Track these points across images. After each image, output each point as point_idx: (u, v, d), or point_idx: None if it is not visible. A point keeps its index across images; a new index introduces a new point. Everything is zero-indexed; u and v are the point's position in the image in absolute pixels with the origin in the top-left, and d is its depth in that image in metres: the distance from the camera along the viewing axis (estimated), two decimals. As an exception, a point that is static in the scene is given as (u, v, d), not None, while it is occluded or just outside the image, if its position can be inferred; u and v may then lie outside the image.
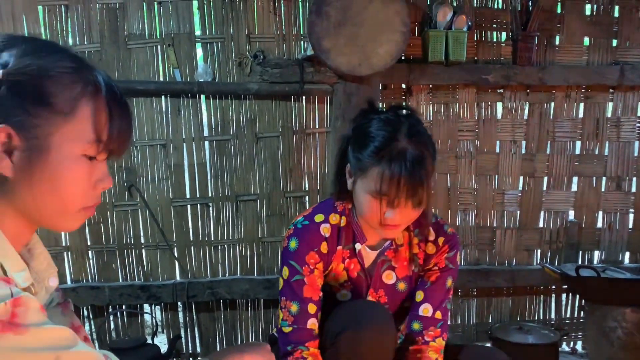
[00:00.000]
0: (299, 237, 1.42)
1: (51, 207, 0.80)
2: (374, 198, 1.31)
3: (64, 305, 0.97)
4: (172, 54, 2.31)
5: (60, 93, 0.77)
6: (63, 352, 0.70)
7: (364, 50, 2.13)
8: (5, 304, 0.66)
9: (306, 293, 1.40)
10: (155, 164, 2.37)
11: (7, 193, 0.78)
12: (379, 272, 1.50)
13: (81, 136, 0.79)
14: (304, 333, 1.38)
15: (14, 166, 0.77)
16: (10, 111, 0.75)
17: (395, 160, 1.27)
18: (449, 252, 1.49)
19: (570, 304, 2.64)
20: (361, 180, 1.34)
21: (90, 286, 2.37)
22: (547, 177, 2.54)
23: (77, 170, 0.80)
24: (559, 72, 2.41)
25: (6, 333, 0.66)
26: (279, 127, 2.40)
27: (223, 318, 2.50)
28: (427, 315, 1.47)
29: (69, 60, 0.80)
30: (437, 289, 1.49)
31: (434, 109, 2.46)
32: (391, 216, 1.31)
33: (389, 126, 1.33)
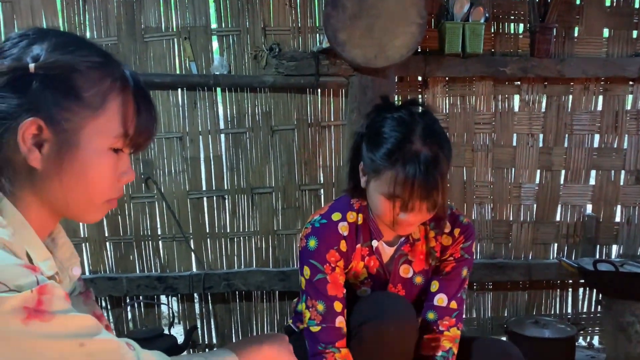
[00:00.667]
0: (317, 236, 1.42)
1: (77, 199, 0.82)
2: (387, 200, 1.30)
3: (86, 294, 0.99)
4: (188, 46, 2.32)
5: (90, 87, 0.79)
6: (87, 339, 0.71)
7: (380, 43, 2.12)
8: (31, 291, 0.67)
9: (330, 291, 1.40)
10: (172, 157, 2.39)
11: (35, 184, 0.80)
12: (396, 267, 1.50)
13: (109, 130, 0.81)
14: (333, 332, 1.38)
15: (43, 158, 0.78)
16: (41, 104, 0.76)
17: (408, 164, 1.25)
18: (465, 242, 1.49)
19: (587, 299, 2.62)
20: (374, 181, 1.33)
21: (108, 277, 2.40)
22: (564, 170, 2.51)
23: (104, 163, 0.81)
24: (577, 64, 2.38)
25: (32, 320, 0.67)
26: (294, 120, 2.41)
27: (239, 309, 2.51)
28: (442, 305, 1.48)
29: (98, 55, 0.81)
30: (453, 279, 1.49)
31: (450, 101, 2.44)
32: (405, 218, 1.31)
33: (402, 127, 1.31)
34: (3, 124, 0.76)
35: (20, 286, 0.67)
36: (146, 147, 0.87)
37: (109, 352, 0.73)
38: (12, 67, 0.76)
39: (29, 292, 0.67)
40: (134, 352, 0.76)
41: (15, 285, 0.67)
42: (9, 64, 0.76)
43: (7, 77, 0.75)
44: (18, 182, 0.79)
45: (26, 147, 0.77)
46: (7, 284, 0.66)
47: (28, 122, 0.76)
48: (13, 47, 0.78)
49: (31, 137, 0.77)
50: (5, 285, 0.66)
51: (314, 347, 1.39)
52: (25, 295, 0.67)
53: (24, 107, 0.76)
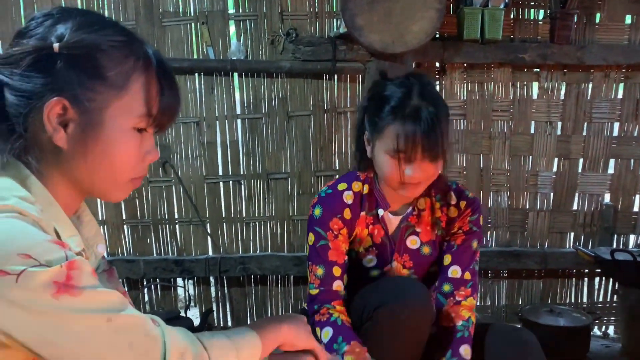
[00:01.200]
0: (322, 205, 1.48)
1: (102, 178, 0.83)
2: (392, 157, 1.35)
3: (110, 271, 1.01)
4: (206, 31, 2.32)
5: (114, 67, 0.79)
6: (114, 314, 0.72)
7: (398, 28, 2.11)
8: (60, 266, 0.69)
9: (331, 257, 1.45)
10: (189, 141, 2.41)
11: (61, 163, 0.81)
12: (402, 237, 1.53)
13: (133, 110, 0.82)
14: (330, 294, 1.44)
15: (68, 138, 0.79)
16: (66, 84, 0.77)
17: (409, 117, 1.32)
18: (472, 215, 1.53)
19: (603, 288, 2.60)
20: (379, 142, 1.38)
21: (126, 259, 2.44)
22: (582, 159, 2.49)
23: (128, 143, 0.82)
24: (598, 51, 2.35)
25: (62, 294, 0.68)
26: (310, 105, 2.41)
27: (254, 293, 2.54)
28: (457, 277, 1.51)
29: (121, 34, 0.82)
30: (464, 251, 1.53)
31: (468, 88, 2.42)
32: (411, 173, 1.34)
33: (402, 87, 1.38)
34: (29, 104, 0.77)
35: (50, 261, 0.68)
36: (169, 126, 0.88)
37: (135, 327, 0.74)
38: (37, 47, 0.76)
39: (58, 267, 0.69)
40: (159, 328, 0.77)
41: (45, 260, 0.68)
42: (34, 43, 0.77)
43: (32, 57, 0.76)
44: (45, 160, 0.81)
45: (51, 126, 0.78)
46: (37, 258, 0.67)
47: (53, 102, 0.77)
48: (38, 27, 0.79)
49: (56, 117, 0.78)
50: (36, 260, 0.67)
51: (311, 308, 1.45)
52: (55, 270, 0.68)
53: (48, 86, 0.77)
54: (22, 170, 0.80)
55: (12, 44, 0.79)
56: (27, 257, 0.67)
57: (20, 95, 0.76)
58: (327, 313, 1.41)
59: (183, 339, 0.79)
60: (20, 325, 0.67)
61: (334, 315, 1.40)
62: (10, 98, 0.77)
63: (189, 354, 0.77)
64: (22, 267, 0.66)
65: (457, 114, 2.43)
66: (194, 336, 0.81)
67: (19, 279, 0.66)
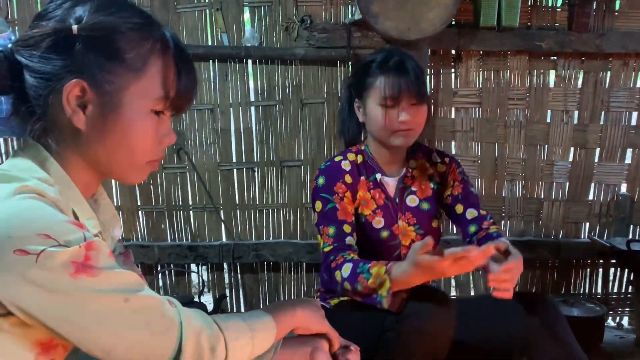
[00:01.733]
0: (324, 174, 1.59)
1: (120, 160, 0.84)
2: (383, 107, 1.51)
3: (126, 255, 1.02)
4: (220, 18, 2.32)
5: (132, 49, 0.80)
6: (132, 294, 0.73)
7: (413, 15, 2.08)
8: (79, 246, 0.70)
9: (340, 217, 1.53)
10: (203, 128, 2.42)
11: (79, 145, 0.82)
12: (402, 198, 1.64)
13: (150, 92, 0.82)
14: (343, 247, 1.50)
15: (87, 120, 0.80)
16: (84, 66, 0.78)
17: (394, 67, 1.51)
18: (458, 167, 1.69)
19: (618, 279, 2.58)
20: (370, 97, 1.55)
21: (140, 245, 2.46)
22: (599, 148, 2.46)
23: (146, 125, 0.83)
24: (617, 39, 2.31)
25: (80, 274, 0.69)
26: (324, 93, 2.40)
27: (267, 279, 2.56)
28: (475, 216, 1.63)
29: (139, 17, 0.82)
30: (468, 194, 1.66)
31: (484, 76, 2.40)
32: (403, 118, 1.49)
33: (381, 52, 1.60)
34: (48, 86, 0.78)
35: (69, 241, 0.70)
36: (187, 109, 0.88)
37: (152, 307, 0.75)
38: (56, 29, 0.77)
39: (77, 247, 0.70)
40: (176, 309, 0.78)
41: (64, 240, 0.69)
42: (53, 25, 0.77)
43: (51, 39, 0.77)
44: (64, 142, 0.82)
45: (70, 108, 0.78)
46: (57, 238, 0.68)
47: (72, 84, 0.77)
48: (57, 9, 0.80)
49: (75, 99, 0.78)
50: (56, 240, 0.68)
51: (326, 261, 1.49)
52: (74, 250, 0.69)
53: (67, 68, 0.77)
54: (42, 152, 0.81)
55: (31, 26, 0.80)
56: (46, 237, 0.68)
57: (40, 77, 0.77)
58: (341, 257, 1.47)
59: (199, 320, 0.80)
60: (39, 304, 0.68)
61: (349, 256, 1.46)
62: (30, 80, 0.78)
63: (205, 335, 0.78)
64: (42, 247, 0.67)
65: (473, 102, 2.41)
66: (209, 318, 0.82)
67: (39, 259, 0.67)
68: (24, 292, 0.68)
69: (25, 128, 0.81)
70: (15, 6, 2.27)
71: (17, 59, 0.78)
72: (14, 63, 0.78)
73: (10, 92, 0.80)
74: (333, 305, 1.61)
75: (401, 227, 1.62)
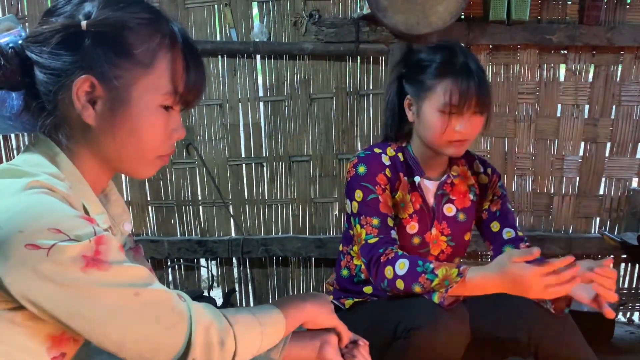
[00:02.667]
0: (365, 162, 1.47)
1: (130, 155, 0.84)
2: (444, 113, 1.38)
3: (136, 249, 1.02)
4: (229, 13, 2.32)
5: (141, 44, 0.80)
6: (142, 288, 0.74)
7: (423, 8, 2.07)
8: (89, 241, 0.70)
9: (382, 209, 1.44)
10: (212, 124, 2.42)
11: (90, 141, 0.83)
12: (440, 205, 1.55)
13: (159, 87, 0.82)
14: (390, 240, 1.42)
15: (97, 115, 0.80)
16: (94, 61, 0.78)
17: (461, 71, 1.37)
18: (499, 180, 1.61)
19: (629, 274, 2.56)
20: (428, 100, 1.41)
21: (150, 240, 2.48)
22: (610, 143, 2.44)
23: (155, 120, 0.83)
24: (629, 32, 2.28)
25: (91, 268, 0.70)
26: (332, 88, 2.40)
27: (276, 274, 2.57)
28: (512, 237, 1.55)
29: (147, 12, 0.82)
30: (507, 213, 1.59)
31: (494, 70, 2.38)
32: (461, 128, 1.38)
33: (442, 49, 1.44)
34: (58, 81, 0.78)
35: (79, 236, 0.70)
36: (196, 103, 0.88)
37: (161, 301, 0.76)
38: (66, 25, 0.77)
39: (87, 241, 0.70)
40: (185, 303, 0.79)
41: (74, 235, 0.70)
42: (62, 21, 0.78)
43: (60, 35, 0.77)
44: (74, 138, 0.82)
45: (80, 103, 0.79)
46: (67, 233, 0.69)
47: (81, 80, 0.78)
48: (66, 5, 0.80)
49: (84, 94, 0.79)
50: (66, 234, 0.69)
51: (372, 253, 1.40)
52: (84, 244, 0.70)
53: (77, 64, 0.78)
54: (52, 147, 0.81)
55: (41, 22, 0.80)
56: (57, 231, 0.69)
57: (50, 73, 0.78)
58: (392, 252, 1.39)
59: (208, 314, 0.80)
60: (50, 297, 0.69)
61: (399, 252, 1.39)
62: (40, 76, 0.79)
63: (214, 329, 0.79)
64: (53, 241, 0.68)
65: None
66: (219, 312, 0.83)
67: (50, 253, 0.68)
68: (35, 286, 0.68)
69: (36, 124, 0.82)
70: (25, 3, 2.28)
71: (28, 55, 0.79)
72: (25, 59, 0.79)
73: (21, 87, 0.81)
74: (347, 305, 1.57)
75: (434, 236, 1.54)
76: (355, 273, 1.58)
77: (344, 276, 1.61)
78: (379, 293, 1.55)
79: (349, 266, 1.60)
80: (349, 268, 1.60)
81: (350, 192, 1.48)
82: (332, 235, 2.48)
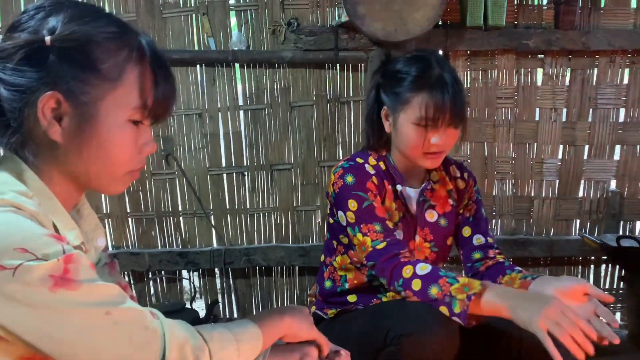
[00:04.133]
0: (352, 172, 1.46)
1: (99, 171, 0.83)
2: (419, 126, 1.40)
3: (111, 265, 1.00)
4: (207, 22, 2.31)
5: (108, 59, 0.78)
6: (113, 307, 0.72)
7: (400, 15, 2.08)
8: (57, 260, 0.69)
9: (380, 214, 1.43)
10: (192, 133, 2.40)
11: (57, 158, 0.81)
12: (422, 212, 1.55)
13: (128, 102, 0.81)
14: (399, 243, 1.41)
15: (64, 132, 0.79)
16: (59, 77, 0.76)
17: (436, 85, 1.38)
18: (474, 185, 1.63)
19: (610, 275, 2.58)
20: (404, 112, 1.42)
21: (131, 252, 2.45)
22: (588, 145, 2.46)
23: (124, 135, 0.82)
24: (603, 36, 2.32)
25: (59, 288, 0.68)
26: (313, 95, 2.40)
27: (259, 284, 2.55)
28: (482, 243, 1.58)
29: (114, 26, 0.81)
30: (479, 219, 1.61)
31: (472, 75, 2.40)
32: (437, 140, 1.39)
33: (418, 60, 1.44)
34: (23, 98, 0.76)
35: (47, 255, 0.68)
36: (166, 117, 0.87)
37: (133, 320, 0.74)
38: (29, 41, 0.76)
39: (55, 260, 0.69)
40: (158, 321, 0.77)
41: (42, 254, 0.68)
42: (25, 37, 0.76)
43: (24, 51, 0.76)
44: (41, 155, 0.81)
45: (46, 120, 0.77)
46: (34, 252, 0.67)
47: (47, 96, 0.76)
48: (30, 20, 0.79)
49: (50, 111, 0.77)
50: (33, 254, 0.67)
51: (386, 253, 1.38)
52: (52, 263, 0.68)
53: (42, 80, 0.76)
54: (19, 164, 0.80)
55: (4, 38, 0.79)
56: (23, 251, 0.67)
57: (14, 89, 0.76)
58: (410, 256, 1.39)
59: (183, 331, 0.79)
60: (18, 319, 0.67)
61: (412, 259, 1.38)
62: (5, 93, 0.77)
63: (189, 347, 0.77)
64: (19, 261, 0.66)
65: None
66: (193, 329, 0.81)
67: (16, 273, 0.66)
68: (1, 308, 0.67)
69: (2, 141, 0.80)
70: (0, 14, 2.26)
71: None
72: None
73: None
74: (331, 315, 1.56)
75: (417, 243, 1.54)
76: (340, 283, 1.57)
77: (327, 287, 1.60)
78: (363, 302, 1.55)
79: (333, 277, 1.59)
80: (333, 279, 1.59)
81: (342, 203, 1.45)
82: (316, 243, 2.47)
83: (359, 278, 1.54)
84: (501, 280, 1.48)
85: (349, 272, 1.56)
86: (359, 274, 1.54)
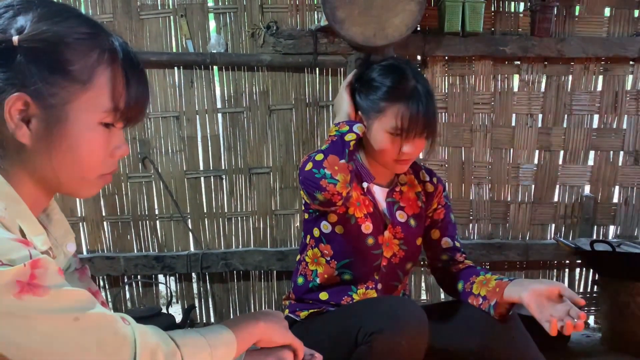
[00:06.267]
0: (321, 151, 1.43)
1: (69, 175, 0.81)
2: (392, 135, 1.45)
3: (81, 271, 0.98)
4: (185, 24, 2.29)
5: (78, 61, 0.77)
6: (81, 313, 0.70)
7: (379, 20, 2.09)
8: (24, 265, 0.67)
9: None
10: (169, 136, 2.38)
11: (25, 161, 0.79)
12: (392, 212, 1.59)
13: (99, 104, 0.79)
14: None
15: (32, 134, 0.77)
16: (27, 79, 0.74)
17: (411, 98, 1.43)
18: (443, 190, 1.67)
19: (584, 279, 2.62)
20: (378, 121, 1.47)
21: (106, 256, 2.41)
22: (563, 151, 2.50)
23: (95, 138, 0.80)
24: (577, 44, 2.36)
25: (26, 294, 0.66)
26: (292, 99, 2.39)
27: (236, 289, 2.52)
28: (450, 246, 1.64)
29: (86, 26, 0.79)
30: (448, 223, 1.66)
31: (450, 81, 2.42)
32: (407, 150, 1.45)
33: (394, 70, 1.49)
34: None
35: (13, 260, 0.66)
36: (139, 120, 0.85)
37: (103, 326, 0.72)
38: None
39: (21, 266, 0.67)
40: (129, 327, 0.76)
41: (7, 259, 0.66)
42: None
43: None
44: (8, 157, 0.78)
45: (13, 122, 0.75)
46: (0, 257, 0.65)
47: (14, 98, 0.74)
48: None
49: (18, 113, 0.75)
50: None
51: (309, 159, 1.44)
52: (18, 269, 0.66)
53: (9, 81, 0.74)
54: (-15, 167, 0.77)
55: (-30, 37, 0.76)
56: (-12, 256, 0.65)
57: None
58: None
59: (154, 337, 0.77)
60: None
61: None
62: None
63: (161, 352, 0.76)
64: (-17, 267, 0.64)
65: (439, 107, 2.37)
66: (166, 334, 0.80)
67: None
68: None
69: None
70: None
71: None
72: None
73: None
74: (303, 317, 1.57)
75: (386, 238, 1.57)
76: (312, 278, 1.60)
77: (299, 284, 1.63)
78: (335, 299, 1.56)
79: (305, 272, 1.62)
80: (305, 275, 1.62)
81: (303, 177, 1.44)
82: (294, 247, 2.46)
83: (328, 272, 1.57)
84: (475, 280, 1.52)
85: (320, 267, 1.58)
86: (328, 267, 1.56)
